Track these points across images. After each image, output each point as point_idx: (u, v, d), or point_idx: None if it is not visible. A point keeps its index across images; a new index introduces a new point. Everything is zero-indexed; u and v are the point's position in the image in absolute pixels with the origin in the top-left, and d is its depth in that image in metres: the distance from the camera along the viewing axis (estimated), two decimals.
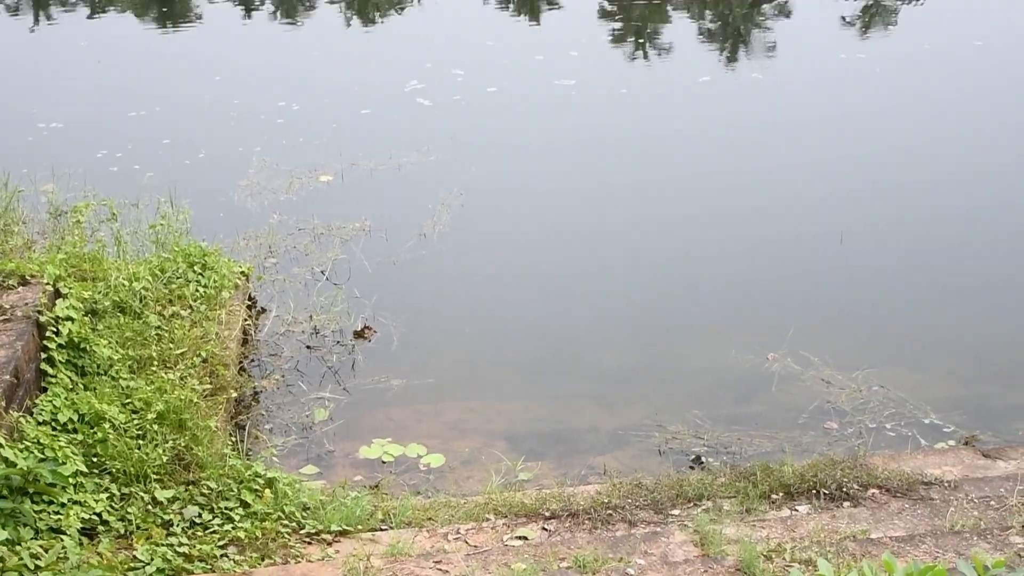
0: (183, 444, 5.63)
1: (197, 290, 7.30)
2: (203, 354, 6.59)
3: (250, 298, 8.07)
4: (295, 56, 14.29)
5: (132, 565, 4.87)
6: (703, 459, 6.45)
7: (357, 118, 11.92)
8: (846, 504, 5.37)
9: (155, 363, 6.36)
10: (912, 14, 15.26)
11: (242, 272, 7.93)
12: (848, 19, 15.01)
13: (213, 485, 5.43)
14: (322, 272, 8.60)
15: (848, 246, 8.87)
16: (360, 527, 5.34)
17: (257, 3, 17.38)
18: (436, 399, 7.24)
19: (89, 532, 5.09)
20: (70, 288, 6.50)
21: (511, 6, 16.59)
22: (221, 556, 5.04)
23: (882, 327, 7.91)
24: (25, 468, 4.95)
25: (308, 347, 7.67)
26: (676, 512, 5.38)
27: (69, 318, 6.00)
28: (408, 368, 7.48)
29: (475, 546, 5.12)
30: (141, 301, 6.91)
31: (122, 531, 5.13)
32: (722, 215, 9.53)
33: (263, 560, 5.05)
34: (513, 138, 11.30)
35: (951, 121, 11.32)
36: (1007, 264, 8.63)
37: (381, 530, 5.37)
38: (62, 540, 4.83)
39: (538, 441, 6.81)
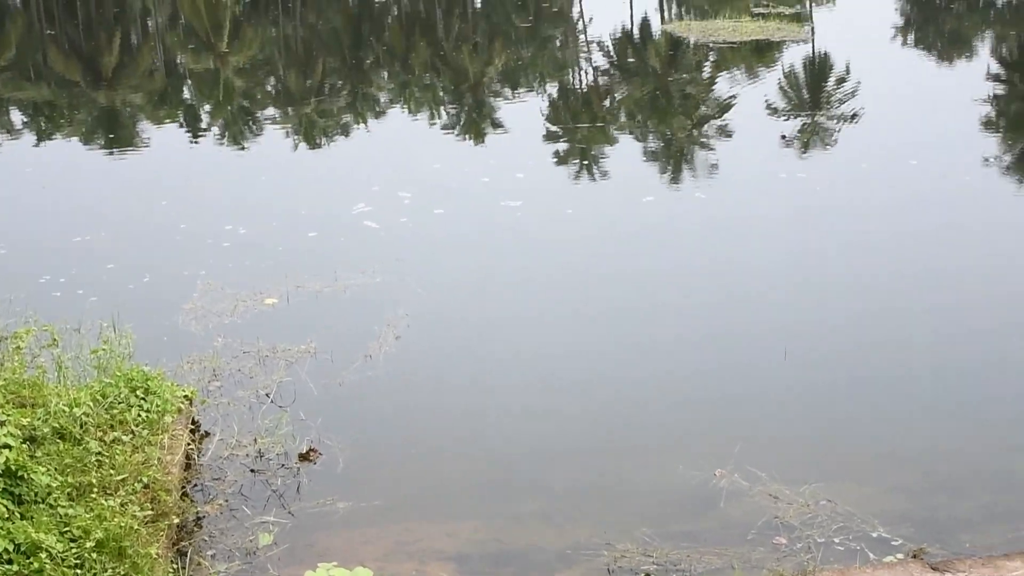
0: (123, 573, 5.56)
1: (139, 415, 7.27)
2: (144, 480, 6.54)
3: (193, 422, 8.03)
4: (243, 180, 14.46)
5: None
6: None
7: (304, 241, 12.04)
8: None
9: (95, 490, 6.30)
10: (850, 133, 15.78)
11: (185, 396, 7.91)
12: (787, 139, 15.49)
13: None
14: (267, 395, 8.60)
15: (792, 361, 9.03)
16: None
17: (204, 127, 17.64)
18: (383, 521, 7.20)
19: None
20: (8, 415, 6.46)
21: (457, 129, 16.97)
22: None
23: (828, 441, 8.01)
24: None
25: (252, 471, 7.62)
26: None
27: (6, 446, 5.95)
28: (354, 490, 7.45)
29: None
30: (81, 427, 6.87)
31: None
32: (667, 333, 9.68)
33: None
34: (460, 259, 11.46)
35: (890, 239, 11.64)
36: (950, 377, 8.80)
37: None
38: None
39: (487, 562, 6.78)
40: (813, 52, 21.12)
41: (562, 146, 15.68)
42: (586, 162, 14.77)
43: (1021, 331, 9.45)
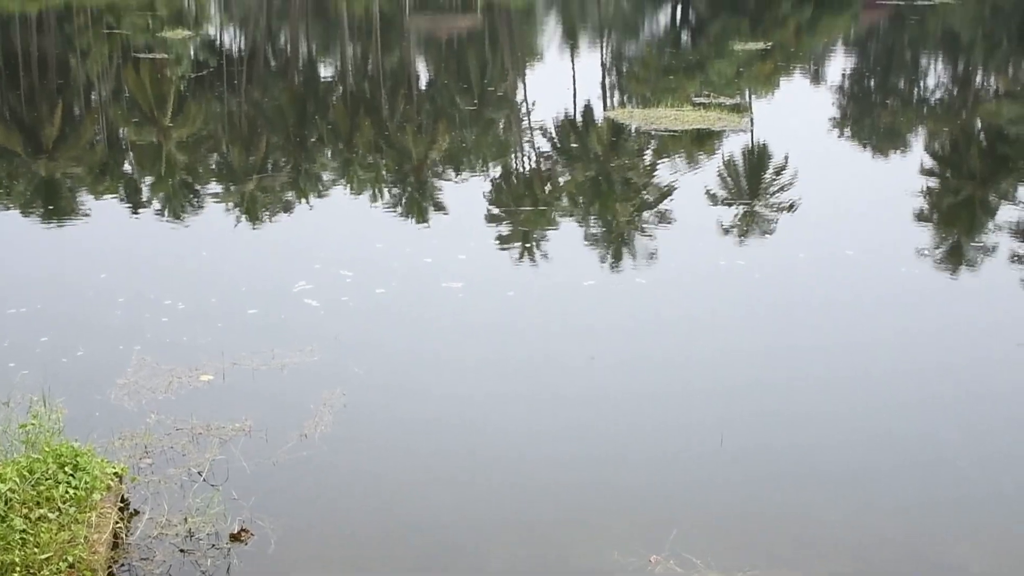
0: None
1: (67, 492, 7.16)
2: (70, 559, 6.43)
3: (123, 500, 7.92)
4: (183, 254, 14.42)
5: None
6: None
7: (243, 317, 12.00)
8: None
9: (18, 569, 6.18)
10: (788, 223, 16.11)
11: (115, 473, 7.80)
12: (726, 226, 15.79)
13: None
14: (199, 473, 8.51)
15: (729, 448, 9.12)
16: None
17: (145, 201, 17.59)
18: None
19: None
20: None
21: (400, 209, 17.09)
22: None
23: (764, 528, 8.08)
24: None
25: (182, 551, 7.51)
26: None
27: None
28: (285, 572, 7.36)
29: None
30: (6, 504, 6.75)
31: None
32: (605, 417, 9.74)
33: None
34: (400, 339, 11.48)
35: (826, 328, 11.87)
36: (887, 467, 8.94)
37: None
38: None
39: None
40: (752, 142, 21.61)
41: (504, 229, 15.84)
42: (528, 245, 14.92)
43: (962, 425, 9.65)
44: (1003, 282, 13.61)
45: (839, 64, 35.46)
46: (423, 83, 31.50)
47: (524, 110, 26.45)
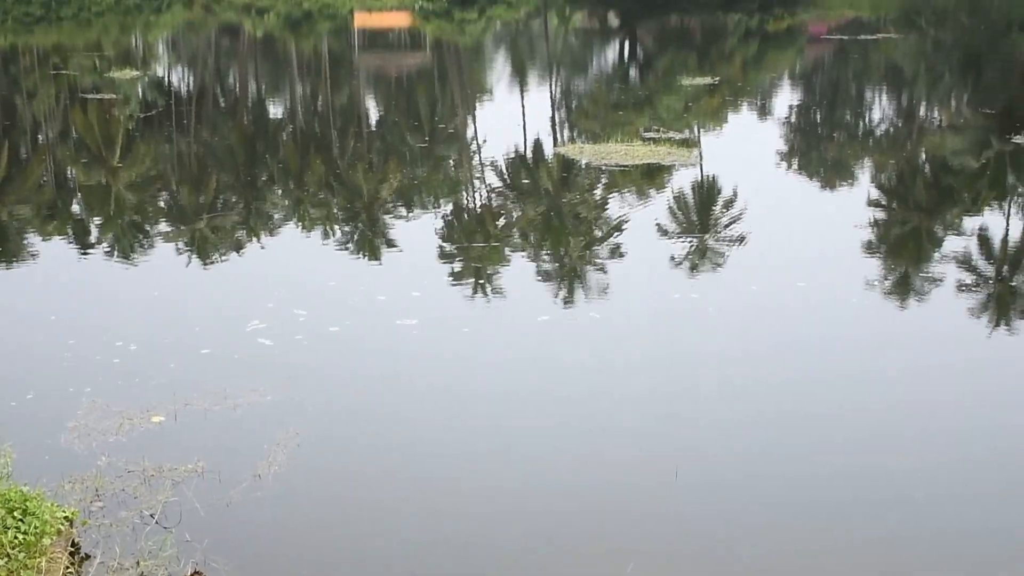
0: None
1: (16, 537, 7.07)
2: None
3: (73, 544, 7.83)
4: (134, 295, 14.32)
5: None
6: None
7: (195, 358, 11.93)
8: None
9: None
10: (739, 256, 16.30)
11: (66, 517, 7.72)
12: (678, 260, 15.95)
13: None
14: (151, 515, 8.43)
15: (684, 482, 9.18)
16: None
17: (94, 242, 17.45)
18: None
19: None
20: None
21: (352, 247, 17.09)
22: None
23: (719, 560, 8.13)
24: None
25: None
26: None
27: None
28: None
29: None
30: None
31: None
32: (560, 453, 9.77)
33: None
34: (354, 377, 11.47)
35: (781, 359, 12.02)
36: (841, 503, 9.04)
37: None
38: None
39: None
40: (701, 176, 21.87)
41: (457, 265, 15.90)
42: (481, 281, 14.99)
43: (920, 467, 9.73)
44: (950, 311, 13.84)
45: (786, 98, 35.99)
46: (373, 121, 31.59)
47: (475, 147, 26.60)
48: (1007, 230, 18.21)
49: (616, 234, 17.57)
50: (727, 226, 18.27)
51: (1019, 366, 12.00)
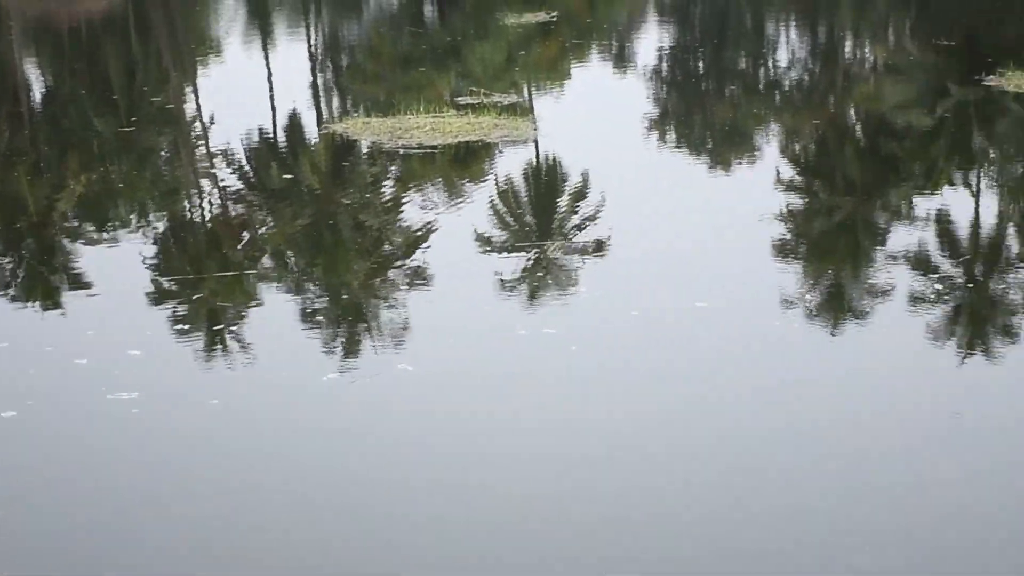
0: None
1: None
2: None
3: None
4: None
5: None
6: None
7: None
8: None
9: None
10: (604, 270, 16.61)
11: None
12: (511, 282, 16.16)
13: None
14: None
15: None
16: None
17: None
18: None
19: None
20: None
21: (17, 288, 16.74)
22: None
23: None
24: None
25: None
26: None
27: None
28: None
29: None
30: None
31: None
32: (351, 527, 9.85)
33: None
34: (48, 479, 11.28)
35: (681, 406, 12.36)
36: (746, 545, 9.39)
37: None
38: None
39: None
40: (538, 157, 22.23)
41: (183, 307, 15.76)
42: (222, 329, 14.90)
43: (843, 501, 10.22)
44: (905, 335, 14.39)
45: (653, 39, 36.94)
46: (39, 95, 31.05)
47: (199, 129, 26.43)
48: (977, 213, 19.07)
49: (419, 249, 17.69)
50: (580, 228, 18.59)
51: (1003, 410, 12.57)
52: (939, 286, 15.85)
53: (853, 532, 10.22)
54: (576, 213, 19.44)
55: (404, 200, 20.03)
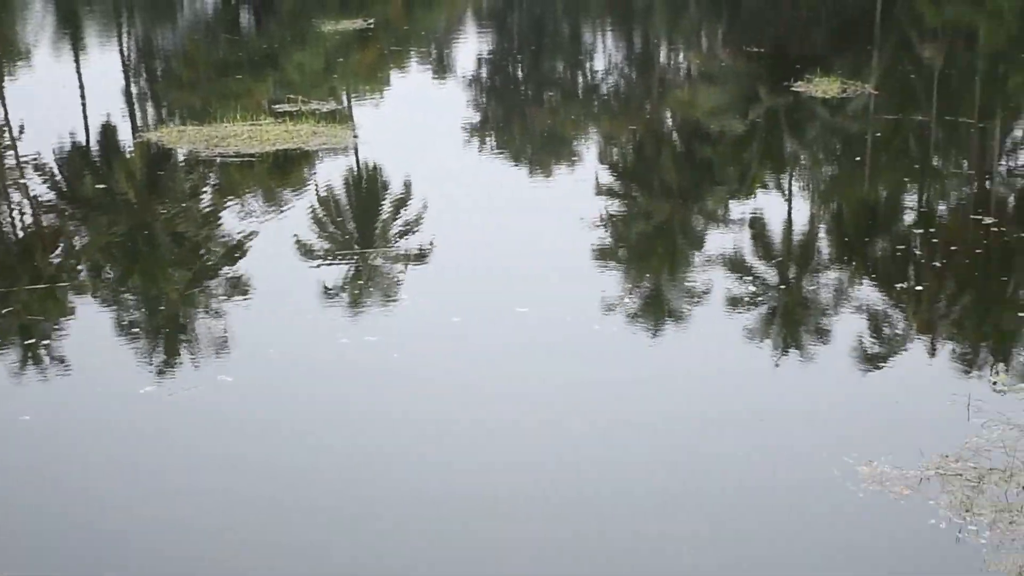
0: None
1: None
2: None
3: None
4: None
5: None
6: None
7: None
8: None
9: None
10: (426, 277, 16.62)
11: None
12: (333, 290, 16.09)
13: None
14: None
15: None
16: None
17: None
18: None
19: None
20: None
21: None
22: None
23: None
24: None
25: None
26: None
27: None
28: None
29: None
30: None
31: None
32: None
33: None
34: None
35: (506, 406, 12.44)
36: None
37: None
38: None
39: None
40: (359, 165, 22.18)
41: None
42: (34, 343, 14.60)
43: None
44: (722, 337, 14.62)
45: (471, 46, 37.10)
46: None
47: (8, 139, 25.88)
48: (790, 215, 19.50)
49: (238, 259, 17.52)
50: (402, 236, 18.59)
51: (823, 408, 12.82)
52: (753, 288, 16.13)
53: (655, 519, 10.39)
54: (398, 220, 19.43)
55: (223, 209, 19.81)
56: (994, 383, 12.82)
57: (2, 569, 10.00)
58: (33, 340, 14.70)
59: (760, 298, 15.83)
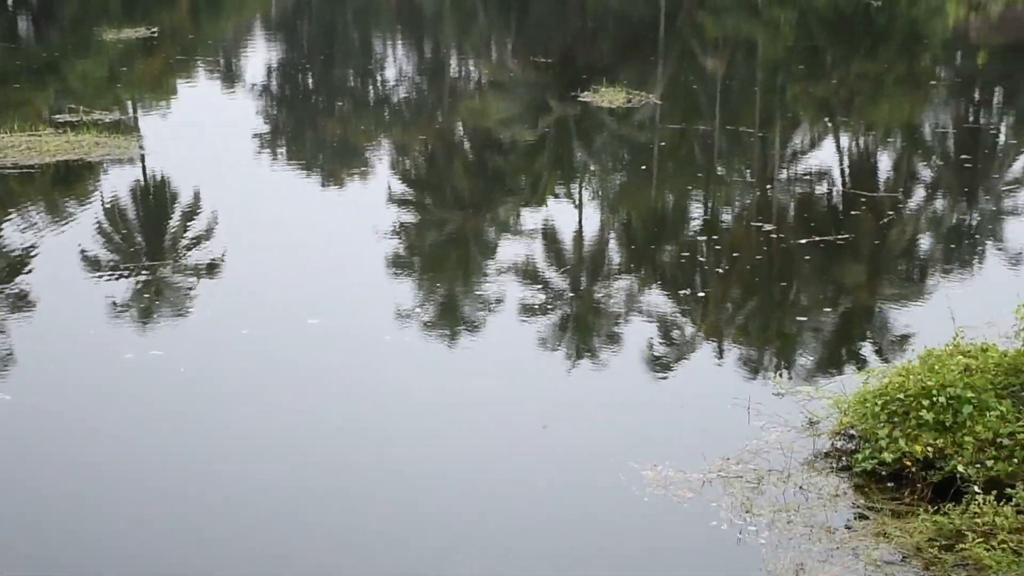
0: None
1: None
2: None
3: None
4: None
5: None
6: None
7: None
8: None
9: None
10: (215, 290, 16.47)
11: None
12: (121, 304, 15.82)
13: None
14: None
15: None
16: None
17: None
18: None
19: None
20: None
21: None
22: None
23: None
24: None
25: None
26: None
27: None
28: None
29: None
30: None
31: None
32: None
33: None
34: None
35: (289, 427, 12.39)
36: None
37: None
38: None
39: None
40: (145, 176, 21.87)
41: None
42: None
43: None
44: (516, 343, 14.74)
45: (261, 55, 36.85)
46: None
47: None
48: (580, 224, 19.72)
49: (20, 273, 17.15)
50: (190, 248, 18.38)
51: (611, 412, 12.99)
52: (544, 296, 16.27)
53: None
54: (187, 232, 19.19)
55: (2, 222, 19.33)
56: (775, 386, 13.14)
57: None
58: None
59: (551, 305, 15.99)
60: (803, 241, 17.96)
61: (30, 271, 17.23)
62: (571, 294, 16.59)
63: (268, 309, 15.70)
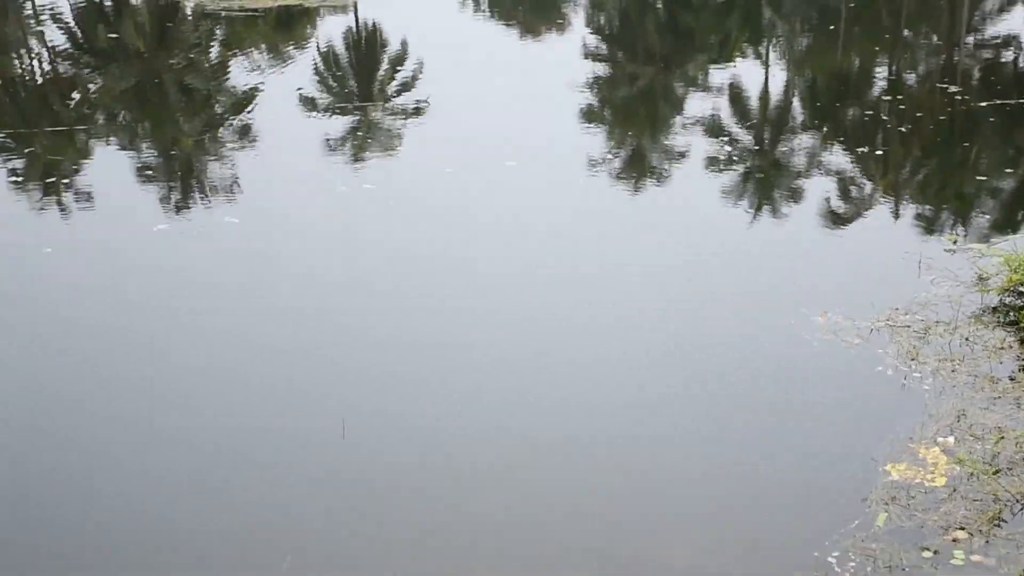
0: None
1: None
2: None
3: None
4: None
5: None
6: None
7: None
8: None
9: None
10: (421, 131, 16.68)
11: None
12: (334, 141, 16.17)
13: None
14: None
15: (352, 439, 9.50)
16: None
17: None
18: None
19: None
20: None
21: None
22: None
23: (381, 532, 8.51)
24: None
25: None
26: None
27: None
28: None
29: None
30: None
31: None
32: (202, 401, 9.90)
33: None
34: None
35: (492, 255, 12.56)
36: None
37: None
38: None
39: None
40: (358, 24, 22.08)
41: (18, 162, 15.49)
42: (56, 181, 14.67)
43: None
44: (699, 194, 14.76)
45: None
46: None
47: None
48: (766, 83, 19.51)
49: (245, 110, 17.54)
50: (399, 92, 18.61)
51: (786, 262, 13.01)
52: (730, 149, 16.22)
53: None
54: (395, 78, 19.42)
55: (228, 62, 19.78)
56: (947, 243, 12.98)
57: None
58: (53, 179, 14.79)
59: (735, 159, 15.92)
60: (987, 104, 17.63)
61: (254, 108, 17.62)
62: (755, 148, 16.52)
63: (469, 150, 15.88)
